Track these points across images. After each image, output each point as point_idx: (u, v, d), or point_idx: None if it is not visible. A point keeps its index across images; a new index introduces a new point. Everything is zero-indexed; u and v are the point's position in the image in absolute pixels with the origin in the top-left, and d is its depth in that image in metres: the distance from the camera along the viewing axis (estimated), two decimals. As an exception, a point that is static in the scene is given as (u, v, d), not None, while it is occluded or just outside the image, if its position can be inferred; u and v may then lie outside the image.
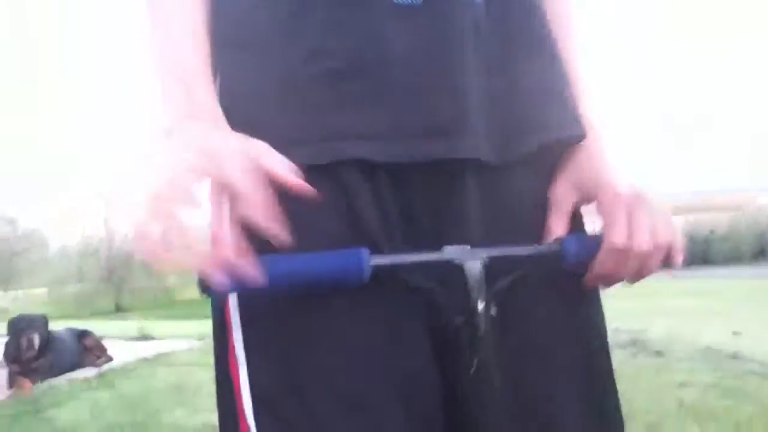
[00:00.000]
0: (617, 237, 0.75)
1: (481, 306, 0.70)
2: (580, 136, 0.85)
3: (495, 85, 0.80)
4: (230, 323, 0.75)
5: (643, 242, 0.75)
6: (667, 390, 4.19)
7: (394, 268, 0.72)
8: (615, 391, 0.90)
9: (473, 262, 0.71)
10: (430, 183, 0.77)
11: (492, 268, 0.72)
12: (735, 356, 5.45)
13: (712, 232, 20.70)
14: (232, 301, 0.74)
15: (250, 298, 0.73)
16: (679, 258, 0.78)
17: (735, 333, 7.40)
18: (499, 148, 0.79)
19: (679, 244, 0.78)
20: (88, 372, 5.14)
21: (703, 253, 20.56)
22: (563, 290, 0.83)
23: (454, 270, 0.71)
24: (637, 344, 6.20)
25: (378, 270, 0.69)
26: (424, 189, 0.78)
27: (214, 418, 0.91)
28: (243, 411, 0.74)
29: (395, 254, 0.73)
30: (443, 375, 0.77)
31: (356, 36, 0.75)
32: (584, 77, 0.90)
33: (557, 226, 0.83)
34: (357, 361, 0.73)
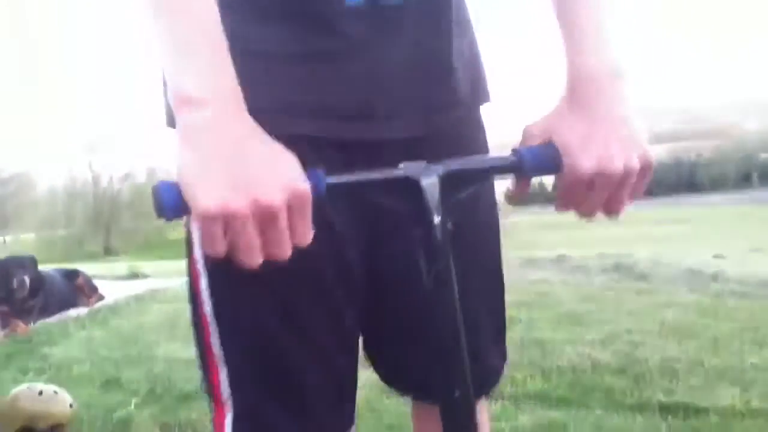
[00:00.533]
0: (564, 206, 0.82)
1: (437, 219, 0.73)
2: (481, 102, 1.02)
3: (417, 74, 0.91)
4: (192, 241, 0.91)
5: (587, 215, 0.82)
6: (649, 311, 4.30)
7: (350, 186, 0.76)
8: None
9: (429, 177, 0.74)
10: (370, 153, 0.88)
11: (448, 182, 0.75)
12: (715, 278, 5.58)
13: (698, 156, 20.85)
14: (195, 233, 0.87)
15: None
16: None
17: (716, 256, 7.55)
18: (423, 124, 0.92)
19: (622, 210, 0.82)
20: (80, 311, 5.19)
21: (690, 179, 20.74)
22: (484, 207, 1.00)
23: (411, 185, 0.74)
24: (620, 269, 6.32)
25: (335, 188, 0.72)
26: (365, 157, 0.87)
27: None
28: (204, 311, 0.91)
29: (352, 175, 0.76)
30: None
31: (314, 28, 0.86)
32: (592, 30, 0.87)
33: None
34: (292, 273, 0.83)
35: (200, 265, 0.91)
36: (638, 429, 2.43)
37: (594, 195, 0.78)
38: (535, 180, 0.86)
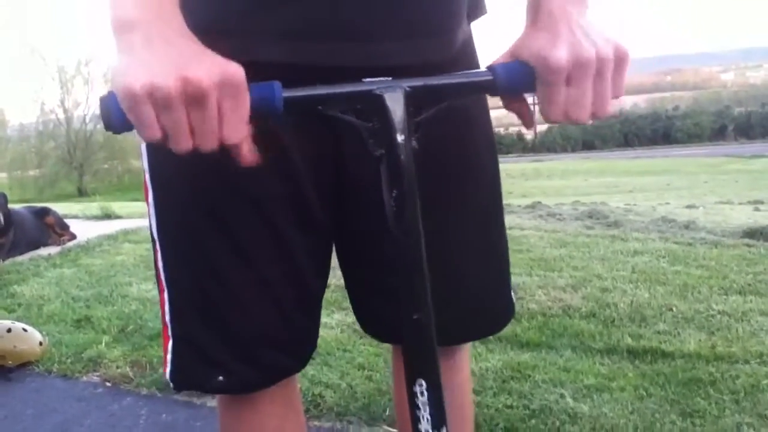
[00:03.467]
0: (553, 115, 0.75)
1: (401, 138, 0.69)
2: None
3: None
4: (142, 155, 0.90)
5: (575, 117, 0.75)
6: (621, 257, 4.34)
7: (309, 100, 0.71)
8: (504, 234, 1.08)
9: (393, 92, 0.69)
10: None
11: (414, 99, 0.71)
12: (687, 226, 5.64)
13: (675, 108, 20.95)
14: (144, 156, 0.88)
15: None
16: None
17: (689, 206, 7.64)
18: (415, 50, 0.82)
19: (613, 107, 0.77)
20: (51, 249, 5.13)
21: (666, 130, 20.85)
22: (468, 128, 0.94)
23: (375, 101, 0.70)
24: (594, 216, 6.37)
25: (292, 102, 0.68)
26: None
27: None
28: (153, 233, 0.93)
29: (310, 90, 0.71)
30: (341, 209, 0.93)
31: None
32: None
33: None
34: (237, 194, 0.85)
35: (148, 178, 0.90)
36: (605, 372, 2.47)
37: (576, 92, 0.73)
38: (513, 129, 0.82)
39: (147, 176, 0.90)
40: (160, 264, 0.92)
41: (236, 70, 0.64)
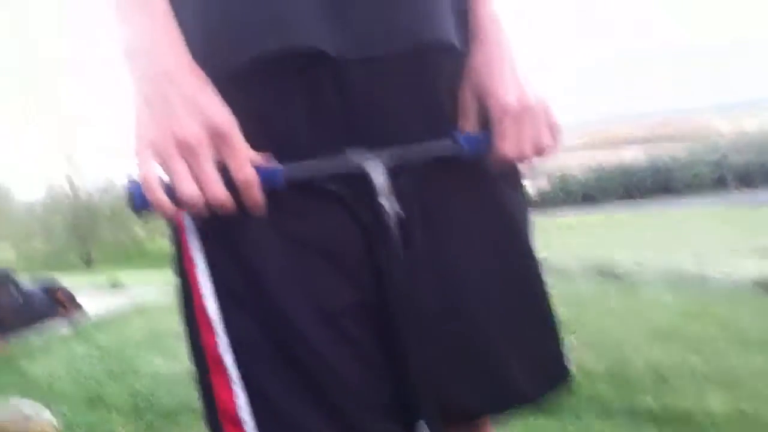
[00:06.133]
0: (507, 150, 0.85)
1: (384, 201, 0.78)
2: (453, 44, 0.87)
3: None
4: (185, 239, 0.81)
5: (527, 152, 0.86)
6: (633, 314, 4.31)
7: (306, 178, 0.78)
8: (538, 278, 0.98)
9: (375, 167, 0.78)
10: (319, 78, 0.79)
11: (393, 167, 0.79)
12: (698, 279, 5.60)
13: (672, 159, 20.98)
14: (187, 220, 0.80)
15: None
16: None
17: (696, 256, 7.60)
18: (382, 42, 0.81)
19: (556, 145, 0.89)
20: (60, 325, 5.10)
21: (665, 182, 20.86)
22: (477, 182, 0.90)
23: (359, 171, 0.78)
24: (602, 272, 6.33)
25: (291, 181, 0.76)
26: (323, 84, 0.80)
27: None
28: (205, 311, 0.79)
29: (306, 167, 0.78)
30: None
31: None
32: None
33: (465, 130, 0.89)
34: (303, 253, 0.80)
35: (198, 256, 0.80)
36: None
37: (524, 130, 0.85)
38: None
39: (197, 254, 0.80)
40: (228, 356, 0.77)
41: (222, 120, 0.72)
